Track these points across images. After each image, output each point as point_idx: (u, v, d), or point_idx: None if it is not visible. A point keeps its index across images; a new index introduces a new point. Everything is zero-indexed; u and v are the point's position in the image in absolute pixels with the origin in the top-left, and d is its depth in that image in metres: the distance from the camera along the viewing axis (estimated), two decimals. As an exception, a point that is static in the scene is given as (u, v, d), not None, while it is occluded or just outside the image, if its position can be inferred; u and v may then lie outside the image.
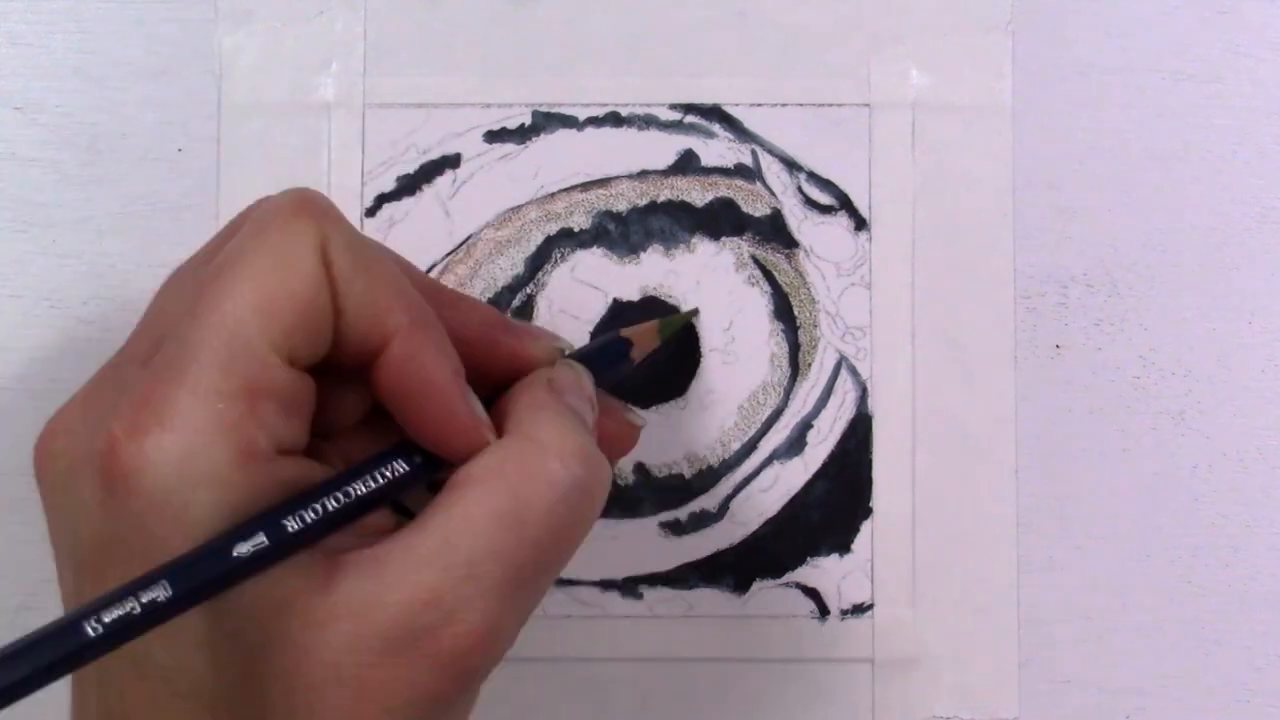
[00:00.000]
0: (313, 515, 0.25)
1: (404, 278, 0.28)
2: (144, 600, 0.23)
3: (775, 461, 0.38)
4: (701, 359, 0.38)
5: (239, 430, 0.25)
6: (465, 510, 0.26)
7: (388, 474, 0.27)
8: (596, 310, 0.38)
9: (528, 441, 0.27)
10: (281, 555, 0.25)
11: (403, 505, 0.29)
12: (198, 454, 0.24)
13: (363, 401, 0.29)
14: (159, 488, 0.24)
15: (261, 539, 0.25)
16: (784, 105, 0.39)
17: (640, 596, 0.38)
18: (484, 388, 0.29)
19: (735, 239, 0.39)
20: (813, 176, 0.39)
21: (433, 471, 0.28)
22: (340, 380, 0.28)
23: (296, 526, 0.25)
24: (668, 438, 0.38)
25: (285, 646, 0.25)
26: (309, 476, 0.26)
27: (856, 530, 0.38)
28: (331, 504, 0.26)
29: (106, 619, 0.23)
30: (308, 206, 0.27)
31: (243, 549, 0.24)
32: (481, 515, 0.26)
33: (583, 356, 0.32)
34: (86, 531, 0.25)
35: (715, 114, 0.39)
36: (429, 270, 0.38)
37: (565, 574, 0.38)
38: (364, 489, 0.27)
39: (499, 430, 0.28)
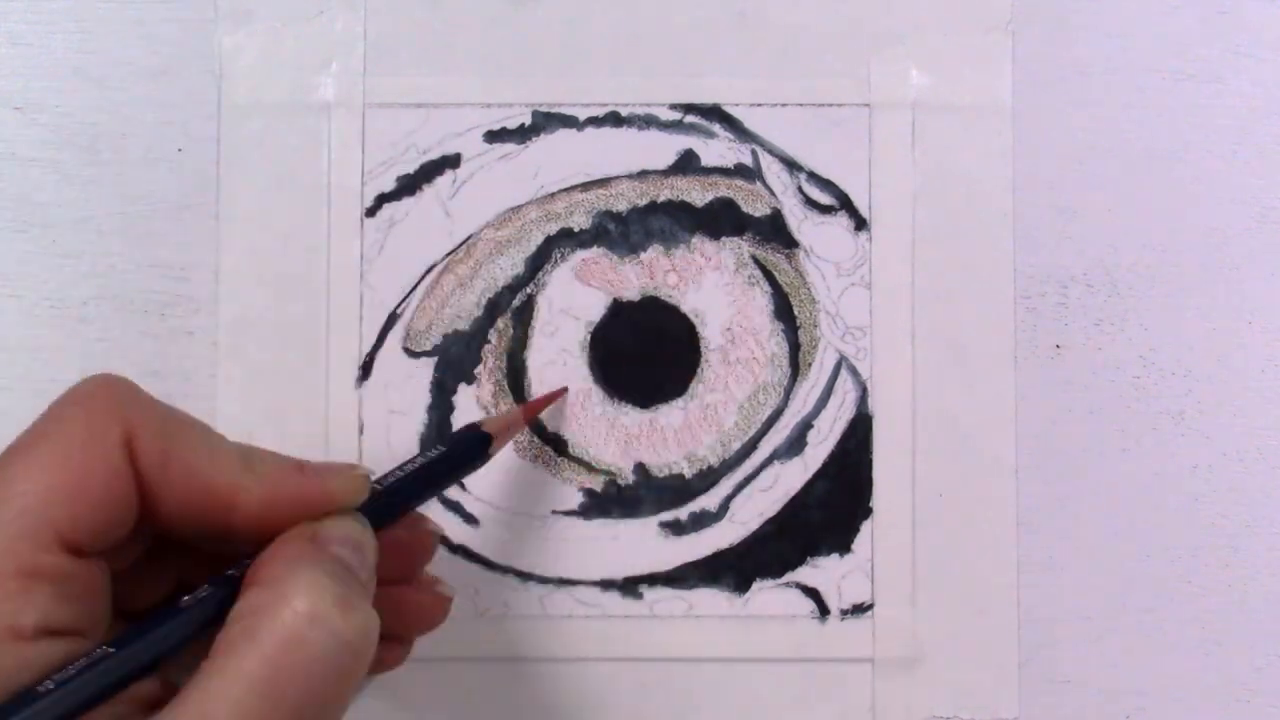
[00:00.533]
0: (67, 696, 0.25)
1: (219, 440, 0.29)
2: None
3: (775, 461, 0.38)
4: (701, 359, 0.38)
5: (6, 608, 0.25)
6: (221, 685, 0.25)
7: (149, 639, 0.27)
8: (596, 310, 0.38)
9: (281, 603, 0.26)
10: None
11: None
12: None
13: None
14: None
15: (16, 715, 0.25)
16: (784, 105, 0.39)
17: (640, 596, 0.38)
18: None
19: (735, 239, 0.39)
20: (813, 176, 0.39)
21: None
22: (167, 557, 0.29)
23: (52, 708, 0.25)
24: (668, 438, 0.38)
25: None
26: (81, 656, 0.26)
27: (856, 530, 0.38)
28: (81, 686, 0.26)
29: None
30: (111, 394, 0.28)
31: None
32: (235, 689, 0.25)
33: (436, 460, 0.32)
34: None
35: (715, 114, 0.39)
36: (429, 270, 0.38)
37: (565, 574, 0.38)
38: (111, 670, 0.26)
39: (256, 583, 0.27)
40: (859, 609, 0.38)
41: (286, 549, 0.28)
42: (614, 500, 0.38)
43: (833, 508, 0.38)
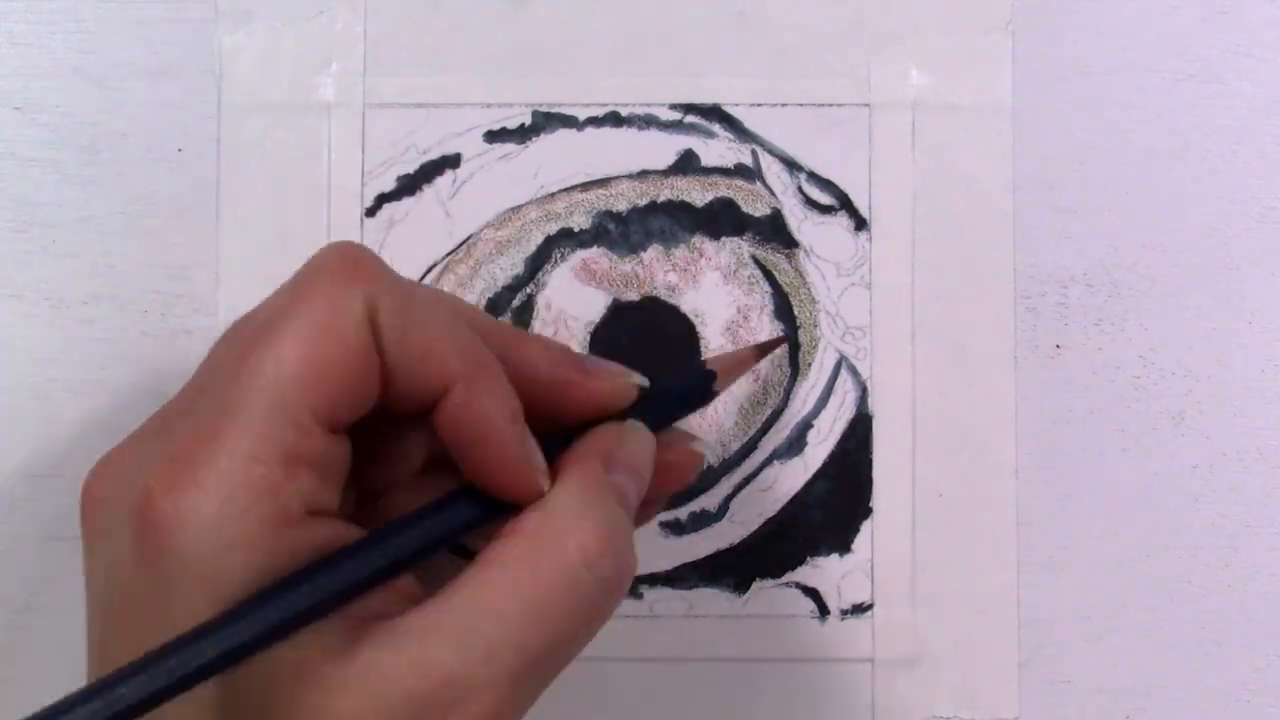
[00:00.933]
0: (341, 582, 0.25)
1: (460, 325, 0.28)
2: (179, 667, 0.23)
3: (775, 461, 0.38)
4: (702, 359, 0.38)
5: (274, 496, 0.25)
6: (490, 595, 0.26)
7: (420, 531, 0.27)
8: (596, 310, 0.38)
9: (565, 533, 0.27)
10: (310, 619, 0.25)
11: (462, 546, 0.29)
12: (231, 518, 0.24)
13: (420, 452, 0.29)
14: (190, 549, 0.24)
15: (293, 602, 0.25)
16: (784, 105, 0.39)
17: (640, 596, 0.38)
18: (557, 427, 0.29)
19: (735, 239, 0.39)
20: (813, 176, 0.39)
21: (485, 522, 0.28)
22: (397, 433, 0.29)
23: (324, 593, 0.25)
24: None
25: (297, 711, 0.25)
26: (343, 538, 0.26)
27: (856, 530, 0.38)
28: (358, 570, 0.26)
29: (143, 686, 0.23)
30: (356, 268, 0.27)
31: (271, 615, 0.24)
32: (504, 604, 0.26)
33: (662, 392, 0.31)
34: (118, 581, 0.25)
35: (715, 114, 0.39)
36: (429, 270, 0.38)
37: (565, 574, 0.38)
38: (388, 555, 0.27)
39: (540, 507, 0.28)
40: (859, 609, 0.38)
41: (581, 471, 0.28)
42: (614, 500, 0.38)
43: (833, 508, 0.38)
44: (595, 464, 0.29)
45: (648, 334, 0.38)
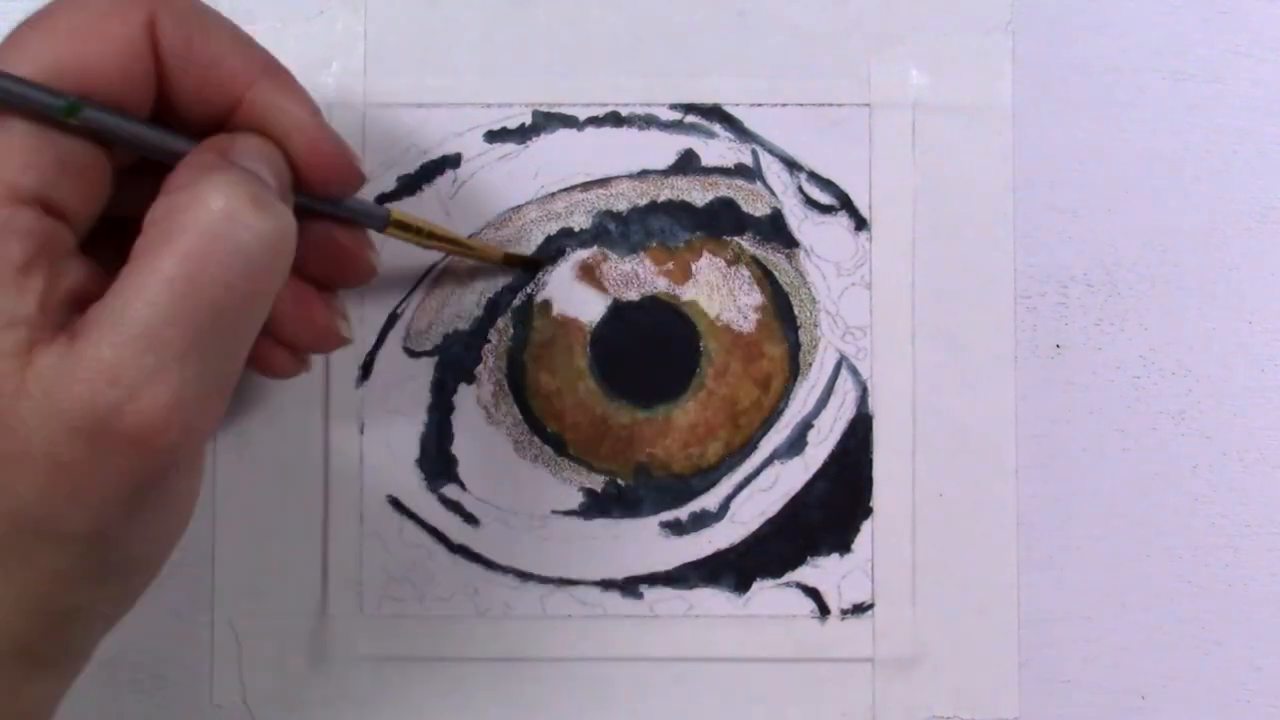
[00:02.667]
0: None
1: (247, 38, 0.28)
2: None
3: (775, 461, 0.38)
4: (701, 359, 0.38)
5: (6, 162, 0.25)
6: (138, 280, 0.25)
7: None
8: (597, 310, 0.38)
9: (196, 203, 0.26)
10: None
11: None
12: None
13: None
14: None
15: None
16: (784, 105, 0.39)
17: (640, 596, 0.38)
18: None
19: (735, 239, 0.39)
20: (813, 176, 0.39)
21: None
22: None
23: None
24: (668, 437, 0.38)
25: None
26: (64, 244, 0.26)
27: (857, 530, 0.38)
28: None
29: None
30: None
31: None
32: (152, 284, 0.25)
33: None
34: None
35: (715, 114, 0.39)
36: (429, 270, 0.38)
37: (565, 574, 0.38)
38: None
39: (168, 187, 0.27)
40: (859, 609, 0.38)
41: (198, 158, 0.28)
42: (614, 500, 0.38)
43: (833, 508, 0.38)
44: (209, 152, 0.28)
45: (648, 334, 0.38)
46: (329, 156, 0.29)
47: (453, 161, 0.38)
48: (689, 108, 0.39)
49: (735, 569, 0.38)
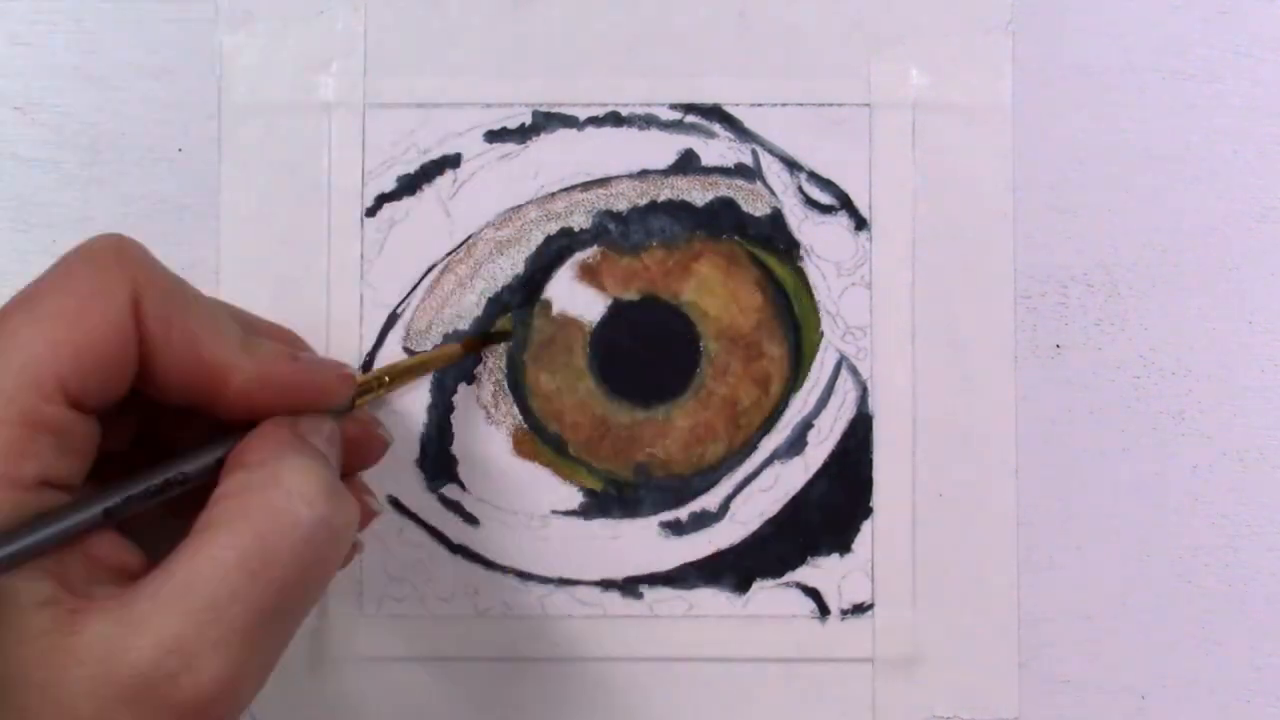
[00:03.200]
0: (53, 527, 0.26)
1: (223, 315, 0.29)
2: None
3: (776, 461, 0.38)
4: (701, 359, 0.38)
5: (7, 455, 0.25)
6: (209, 554, 0.26)
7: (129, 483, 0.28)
8: (597, 310, 0.38)
9: (271, 483, 0.27)
10: (19, 562, 0.25)
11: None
12: None
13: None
14: None
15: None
16: (784, 105, 0.39)
17: (640, 596, 0.38)
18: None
19: (735, 239, 0.39)
20: (813, 176, 0.39)
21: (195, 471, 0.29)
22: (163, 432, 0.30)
23: (35, 537, 0.26)
24: (668, 437, 0.38)
25: (24, 686, 0.25)
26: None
27: (857, 530, 0.38)
28: (69, 515, 0.26)
29: None
30: (122, 255, 0.28)
31: None
32: (225, 558, 0.26)
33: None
34: None
35: (715, 114, 0.39)
36: (429, 270, 0.38)
37: (565, 574, 0.38)
38: (96, 503, 0.27)
39: (243, 465, 0.28)
40: (859, 609, 0.38)
41: (273, 435, 0.29)
42: (614, 500, 0.38)
43: (833, 508, 0.38)
44: (284, 429, 0.29)
45: (647, 334, 0.38)
46: (322, 389, 0.30)
47: (453, 161, 0.38)
48: (689, 108, 0.39)
49: (735, 569, 0.38)
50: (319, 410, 0.30)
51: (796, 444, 0.38)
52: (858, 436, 0.38)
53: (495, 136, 0.38)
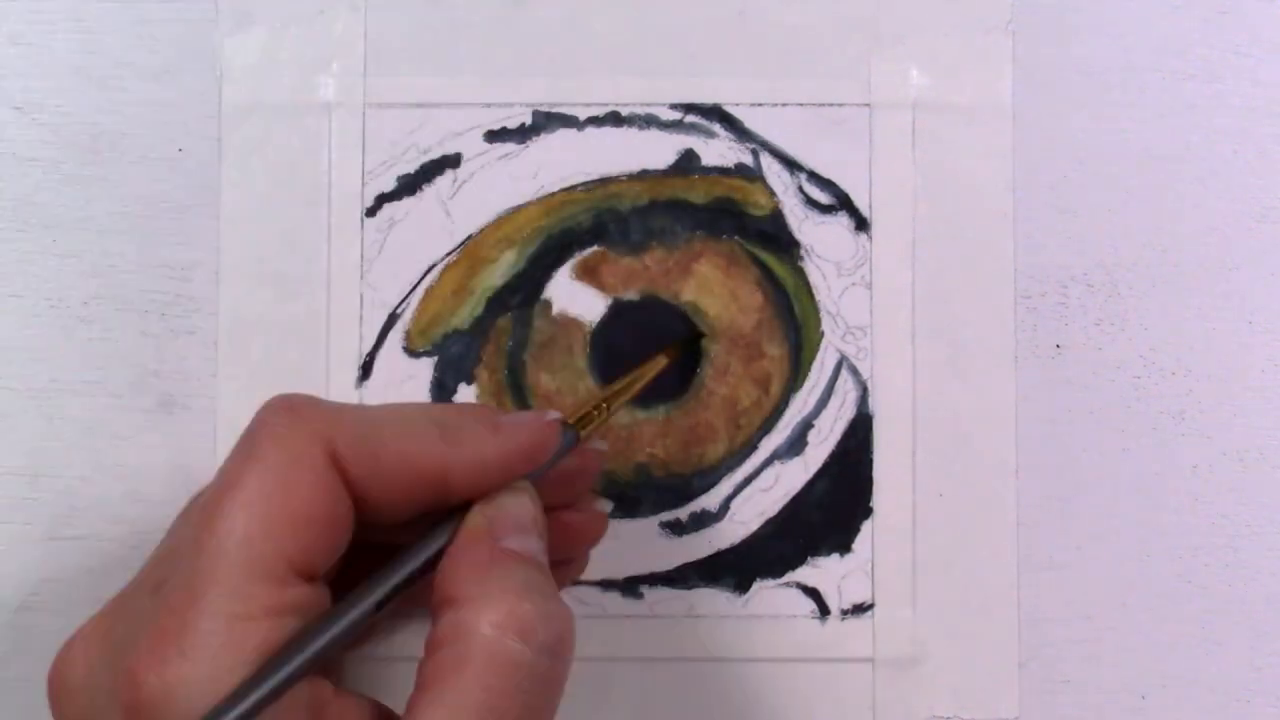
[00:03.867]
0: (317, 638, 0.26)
1: (415, 418, 0.28)
2: None
3: (776, 461, 0.38)
4: (702, 359, 0.38)
5: (261, 651, 0.25)
6: (440, 714, 0.26)
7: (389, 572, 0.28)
8: (597, 310, 0.38)
9: (483, 624, 0.26)
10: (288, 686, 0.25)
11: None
12: (220, 679, 0.24)
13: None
14: (184, 717, 0.24)
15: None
16: (784, 105, 0.39)
17: (640, 596, 0.38)
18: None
19: (735, 239, 0.39)
20: (813, 176, 0.39)
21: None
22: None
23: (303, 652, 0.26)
24: (668, 437, 0.38)
25: None
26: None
27: (857, 530, 0.38)
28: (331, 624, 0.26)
29: None
30: (302, 410, 0.27)
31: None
32: (456, 714, 0.25)
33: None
34: None
35: (716, 114, 0.39)
36: (429, 270, 0.38)
37: (565, 574, 0.38)
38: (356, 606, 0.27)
39: (450, 602, 0.27)
40: (859, 609, 0.38)
41: (468, 558, 0.28)
42: (614, 500, 0.38)
43: (833, 508, 0.38)
44: (483, 548, 0.28)
45: (648, 334, 0.38)
46: (532, 445, 0.29)
47: (453, 161, 0.38)
48: (689, 108, 0.39)
49: (735, 569, 0.38)
50: (538, 465, 0.29)
51: (797, 444, 0.38)
52: (858, 436, 0.38)
53: (495, 136, 0.39)
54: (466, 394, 0.38)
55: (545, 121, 0.39)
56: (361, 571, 0.28)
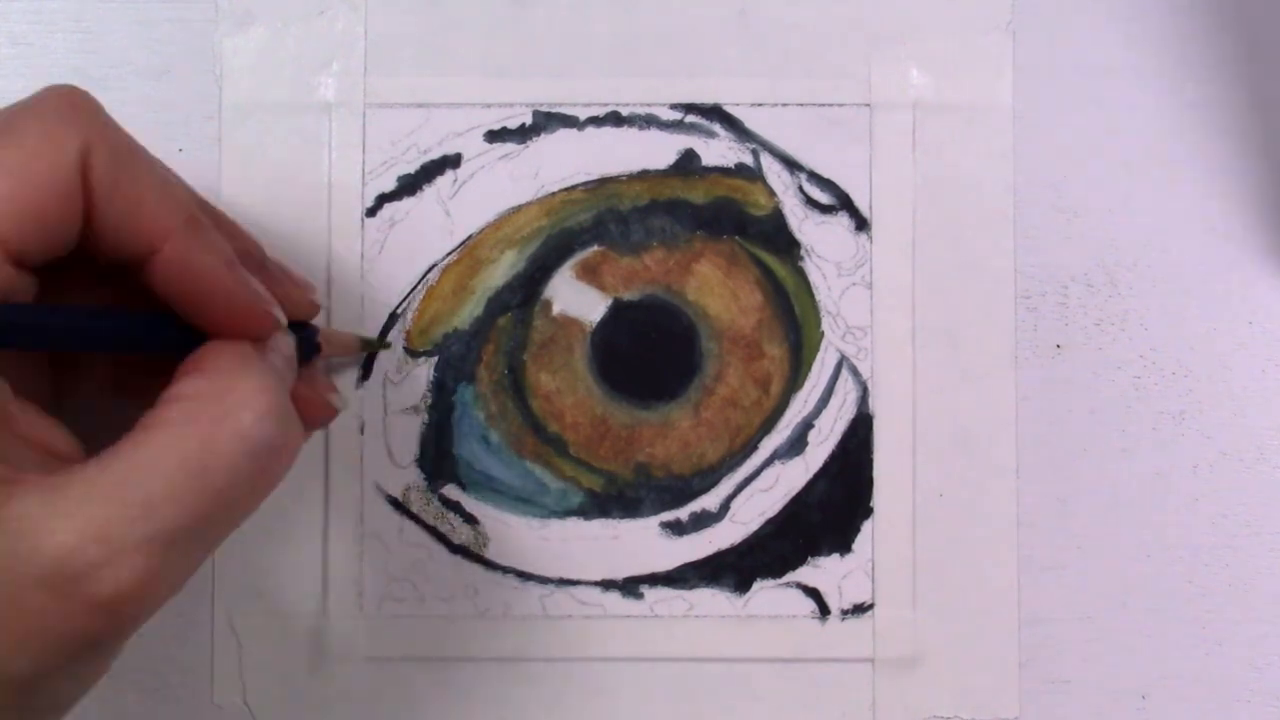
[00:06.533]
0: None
1: (174, 183, 0.28)
2: None
3: (776, 461, 0.38)
4: (702, 359, 0.38)
5: None
6: (151, 452, 0.26)
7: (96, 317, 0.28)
8: (597, 310, 0.38)
9: (226, 392, 0.27)
10: None
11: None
12: None
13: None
14: None
15: None
16: (784, 105, 0.39)
17: (640, 596, 0.38)
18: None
19: (736, 238, 0.39)
20: (813, 176, 0.39)
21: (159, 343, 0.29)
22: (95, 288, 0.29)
23: None
24: (668, 437, 0.38)
25: None
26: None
27: (857, 530, 0.38)
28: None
29: None
30: (75, 109, 0.27)
31: None
32: (165, 458, 0.25)
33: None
34: None
35: (716, 114, 0.39)
36: (429, 270, 0.38)
37: (565, 574, 0.38)
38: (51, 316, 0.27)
39: (199, 371, 0.28)
40: (859, 609, 0.38)
41: (233, 347, 0.28)
42: (614, 500, 0.38)
43: (833, 508, 0.38)
44: (250, 343, 0.29)
45: (648, 333, 0.38)
46: (245, 309, 0.29)
47: (453, 161, 0.38)
48: (689, 108, 0.39)
49: (735, 569, 0.38)
50: (244, 334, 0.29)
51: (797, 444, 0.38)
52: (858, 436, 0.38)
53: (495, 136, 0.38)
54: (466, 394, 0.38)
55: (545, 121, 0.39)
56: (79, 276, 0.29)
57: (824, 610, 0.38)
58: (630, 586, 0.38)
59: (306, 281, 0.33)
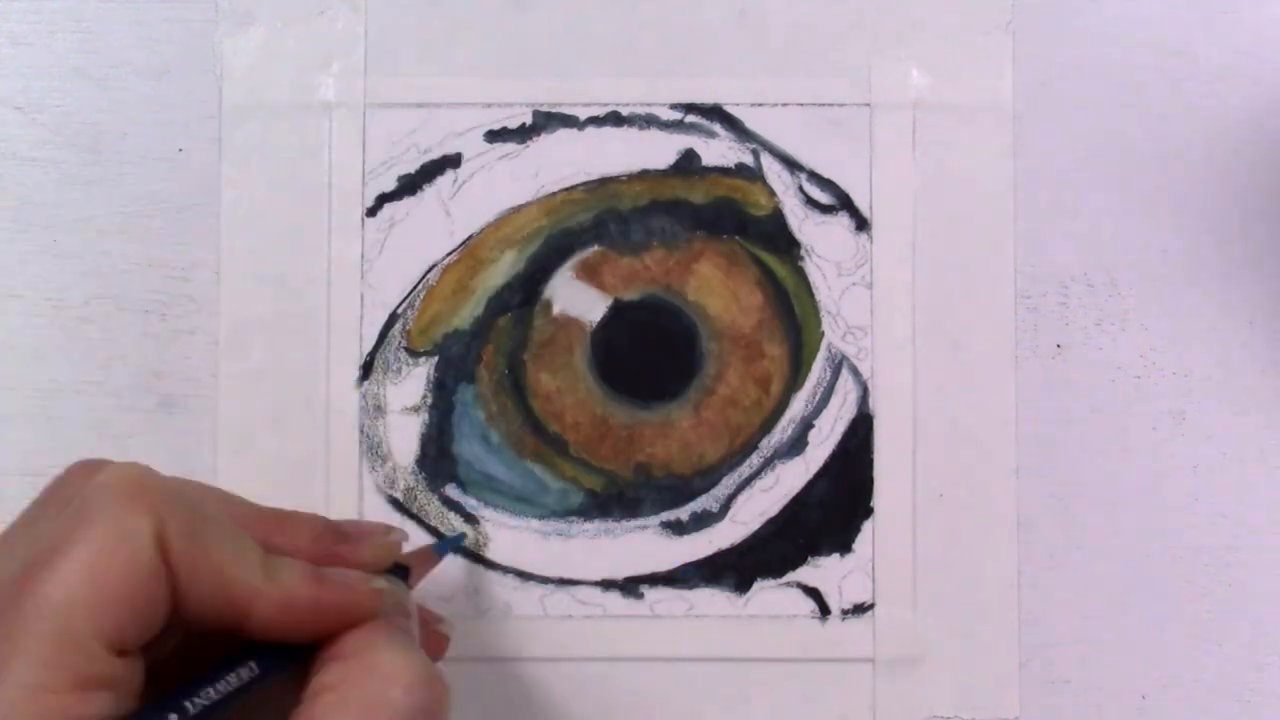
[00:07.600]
0: None
1: (244, 541, 0.29)
2: None
3: (776, 461, 0.38)
4: (702, 358, 0.38)
5: None
6: None
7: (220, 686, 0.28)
8: (597, 310, 0.38)
9: (370, 672, 0.27)
10: None
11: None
12: None
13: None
14: None
15: None
16: (784, 105, 0.39)
17: (640, 596, 0.38)
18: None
19: (736, 238, 0.39)
20: (813, 176, 0.39)
21: (269, 673, 0.29)
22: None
23: None
24: (668, 437, 0.38)
25: None
26: None
27: (857, 530, 0.38)
28: None
29: None
30: (141, 490, 0.27)
31: None
32: None
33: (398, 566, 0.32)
34: None
35: (716, 114, 0.39)
36: (429, 269, 0.38)
37: (565, 574, 0.38)
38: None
39: (340, 658, 0.28)
40: (859, 609, 0.38)
41: (368, 625, 0.29)
42: (614, 500, 0.38)
43: (833, 507, 0.38)
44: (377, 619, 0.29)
45: (648, 333, 0.38)
46: (352, 610, 0.29)
47: (453, 161, 0.38)
48: (689, 108, 0.39)
49: (735, 569, 0.38)
50: (347, 627, 0.29)
51: (797, 444, 0.38)
52: (858, 436, 0.38)
53: (495, 136, 0.39)
54: (466, 394, 0.38)
55: (545, 121, 0.39)
56: (184, 648, 0.29)
57: (824, 610, 0.38)
58: (630, 586, 0.38)
59: (382, 526, 0.33)
